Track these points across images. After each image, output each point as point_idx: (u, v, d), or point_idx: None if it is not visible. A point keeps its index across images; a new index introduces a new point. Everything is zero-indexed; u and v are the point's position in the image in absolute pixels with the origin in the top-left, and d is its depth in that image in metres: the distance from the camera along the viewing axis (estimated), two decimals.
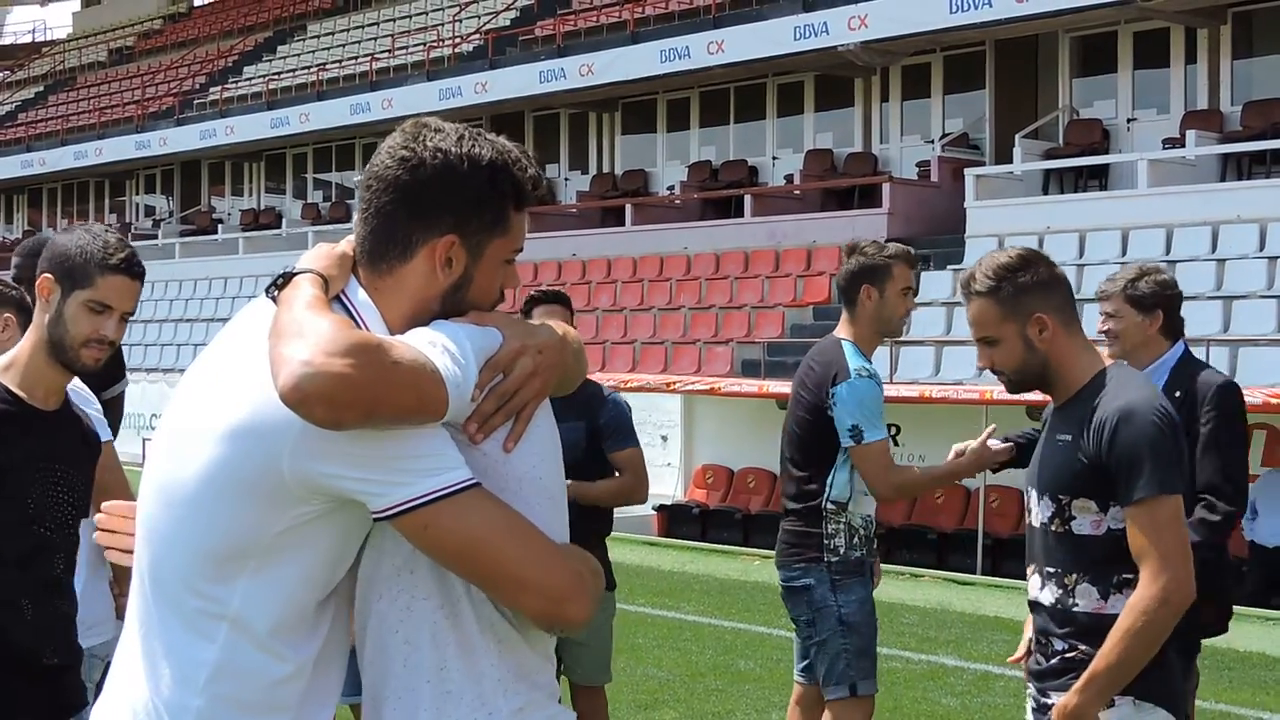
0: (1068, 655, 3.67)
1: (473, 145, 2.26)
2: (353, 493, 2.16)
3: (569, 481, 6.01)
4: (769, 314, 21.11)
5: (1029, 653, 3.92)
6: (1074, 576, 3.65)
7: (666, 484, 18.34)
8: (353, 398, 2.08)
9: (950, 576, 13.90)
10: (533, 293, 6.14)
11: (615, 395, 6.22)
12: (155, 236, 36.45)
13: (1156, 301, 5.26)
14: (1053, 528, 3.68)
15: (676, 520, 17.61)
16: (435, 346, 2.20)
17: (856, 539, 5.40)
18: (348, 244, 2.37)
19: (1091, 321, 5.27)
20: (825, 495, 5.38)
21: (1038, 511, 3.74)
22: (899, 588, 12.49)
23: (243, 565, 2.23)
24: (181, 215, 38.04)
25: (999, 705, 8.37)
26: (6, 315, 4.55)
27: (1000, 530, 15.16)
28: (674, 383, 17.77)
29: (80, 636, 4.45)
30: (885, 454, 5.33)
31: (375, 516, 2.18)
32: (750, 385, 17.51)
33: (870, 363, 5.48)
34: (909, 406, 15.53)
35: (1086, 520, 3.63)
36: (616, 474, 6.06)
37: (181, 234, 35.85)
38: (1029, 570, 3.83)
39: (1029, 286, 3.70)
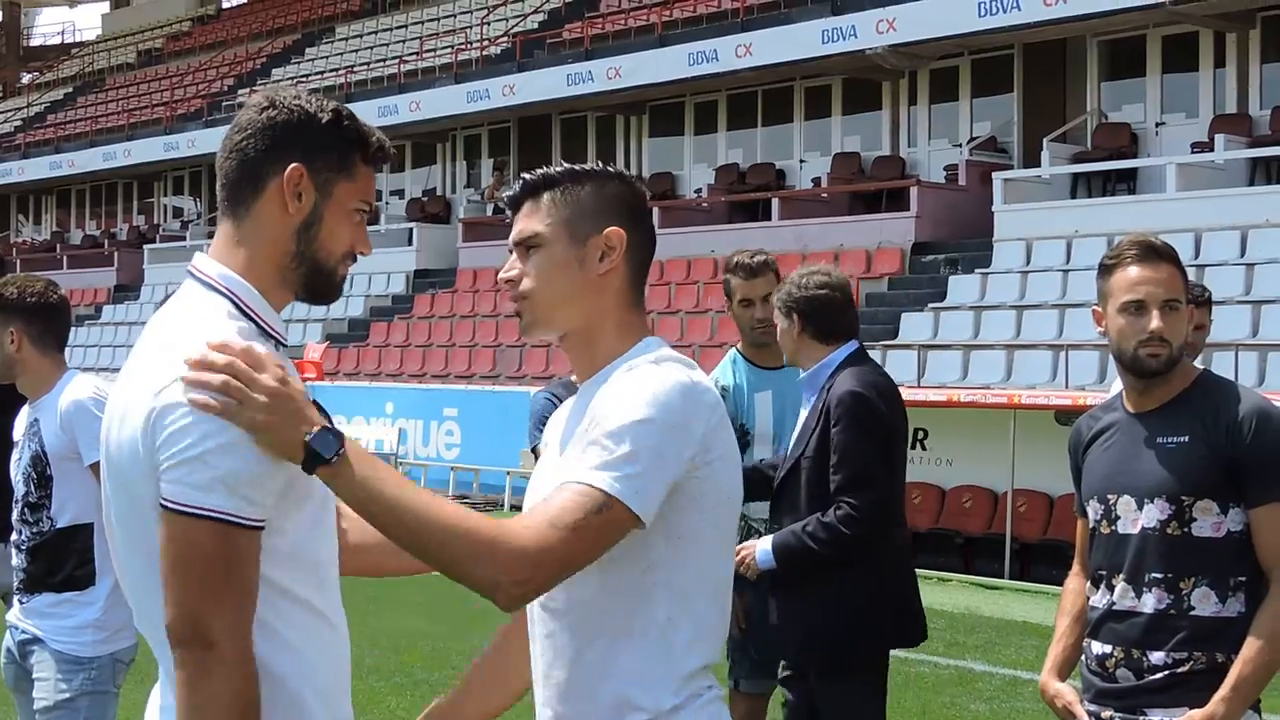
0: (1178, 670, 3.55)
1: (326, 101, 2.49)
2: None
3: None
4: None
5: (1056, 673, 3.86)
6: (1191, 580, 3.55)
7: None
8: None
9: (978, 581, 13.86)
10: None
11: None
12: (183, 238, 36.58)
13: (792, 307, 5.06)
14: (1169, 530, 3.57)
15: None
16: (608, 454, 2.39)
17: (755, 540, 5.50)
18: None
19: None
20: None
21: (1139, 516, 3.61)
22: (926, 591, 12.39)
23: None
24: (209, 217, 38.16)
25: (1028, 711, 8.33)
26: (11, 329, 4.56)
27: (1028, 535, 15.11)
28: None
29: (104, 642, 4.48)
30: None
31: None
32: None
33: (736, 373, 5.68)
34: (936, 411, 15.49)
35: (1207, 522, 3.54)
36: None
37: (209, 235, 35.80)
38: (1107, 581, 3.68)
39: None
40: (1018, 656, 9.89)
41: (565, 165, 2.60)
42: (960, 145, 24.02)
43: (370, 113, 30.90)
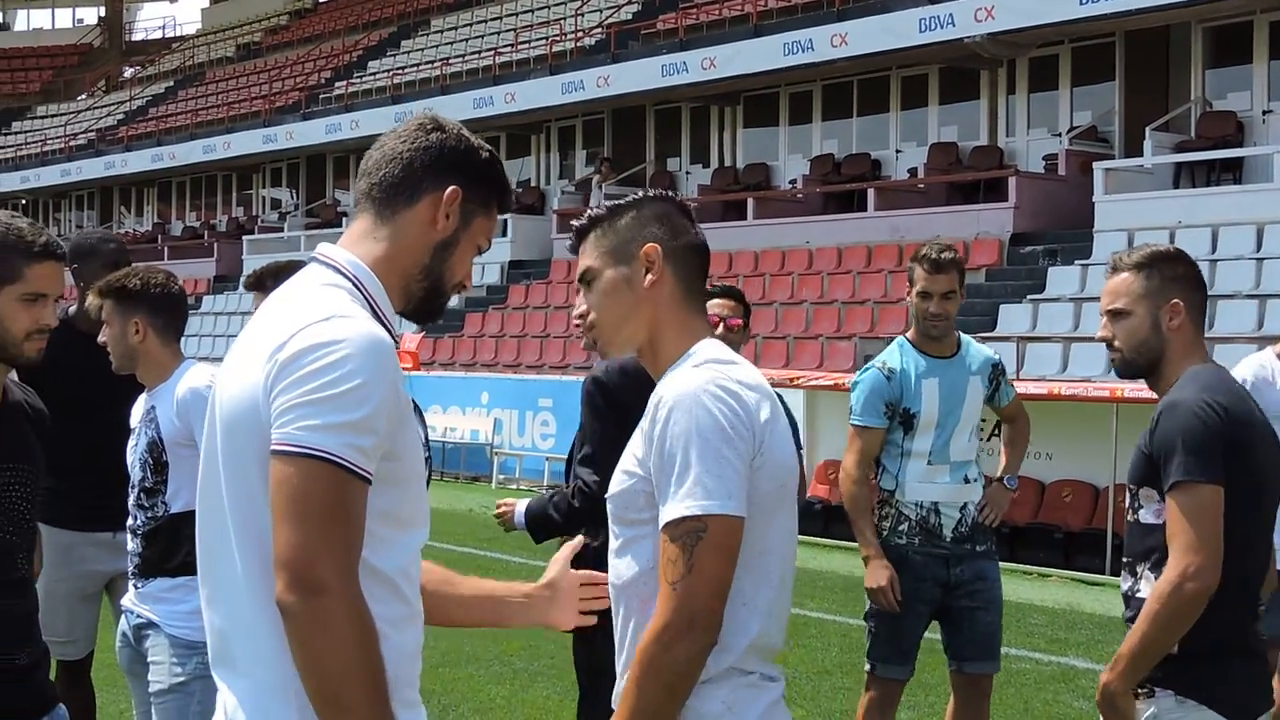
0: None
1: (481, 140, 2.64)
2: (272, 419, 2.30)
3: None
4: (892, 309, 20.93)
5: None
6: (1142, 566, 3.75)
7: None
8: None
9: (1078, 576, 13.67)
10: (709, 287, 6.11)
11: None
12: (280, 229, 37.02)
13: None
14: (1128, 517, 3.81)
15: (800, 516, 17.51)
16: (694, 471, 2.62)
17: (905, 526, 5.84)
18: None
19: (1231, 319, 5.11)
20: (881, 483, 5.91)
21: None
22: (1026, 587, 12.32)
23: None
24: (307, 208, 38.58)
25: None
26: (136, 320, 4.59)
27: None
28: (797, 378, 17.65)
29: (195, 633, 4.51)
30: (855, 439, 5.81)
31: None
32: None
33: (904, 358, 5.80)
34: (1035, 403, 15.26)
35: (1150, 509, 3.72)
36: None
37: (306, 227, 36.35)
38: None
39: (1177, 278, 3.85)
40: None
41: (608, 204, 2.88)
42: (1060, 135, 23.74)
43: (465, 104, 31.12)
